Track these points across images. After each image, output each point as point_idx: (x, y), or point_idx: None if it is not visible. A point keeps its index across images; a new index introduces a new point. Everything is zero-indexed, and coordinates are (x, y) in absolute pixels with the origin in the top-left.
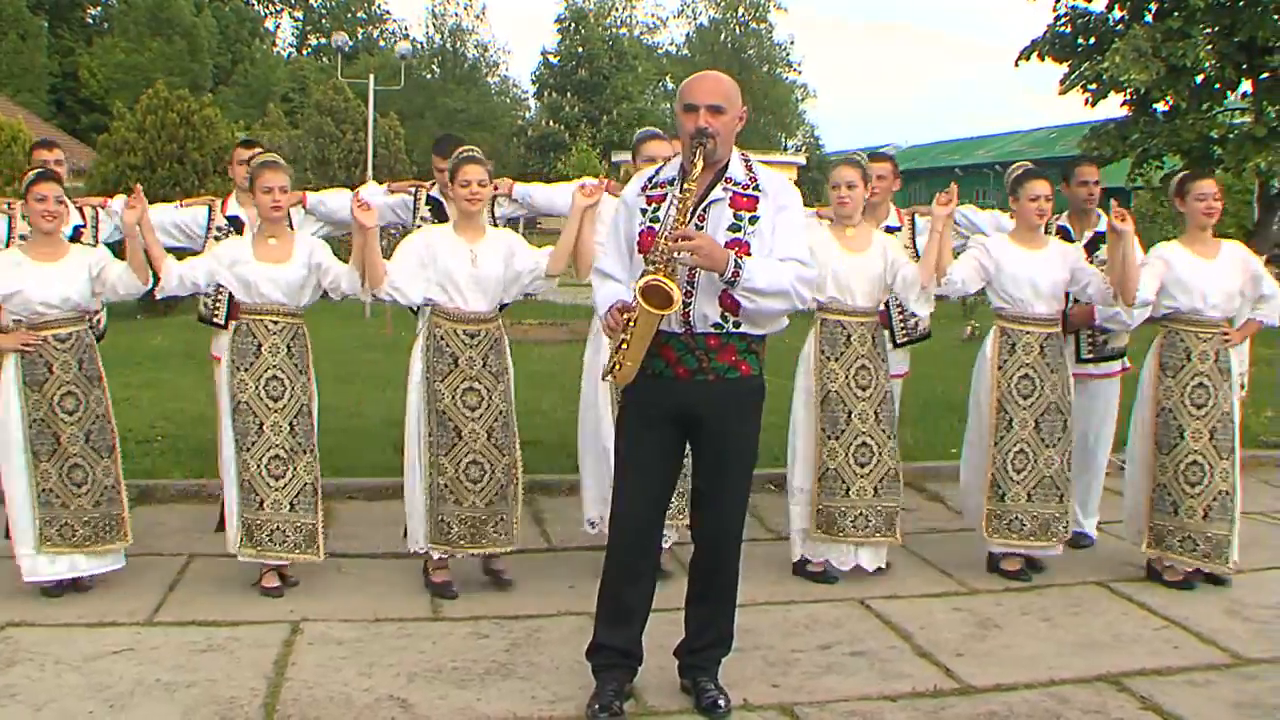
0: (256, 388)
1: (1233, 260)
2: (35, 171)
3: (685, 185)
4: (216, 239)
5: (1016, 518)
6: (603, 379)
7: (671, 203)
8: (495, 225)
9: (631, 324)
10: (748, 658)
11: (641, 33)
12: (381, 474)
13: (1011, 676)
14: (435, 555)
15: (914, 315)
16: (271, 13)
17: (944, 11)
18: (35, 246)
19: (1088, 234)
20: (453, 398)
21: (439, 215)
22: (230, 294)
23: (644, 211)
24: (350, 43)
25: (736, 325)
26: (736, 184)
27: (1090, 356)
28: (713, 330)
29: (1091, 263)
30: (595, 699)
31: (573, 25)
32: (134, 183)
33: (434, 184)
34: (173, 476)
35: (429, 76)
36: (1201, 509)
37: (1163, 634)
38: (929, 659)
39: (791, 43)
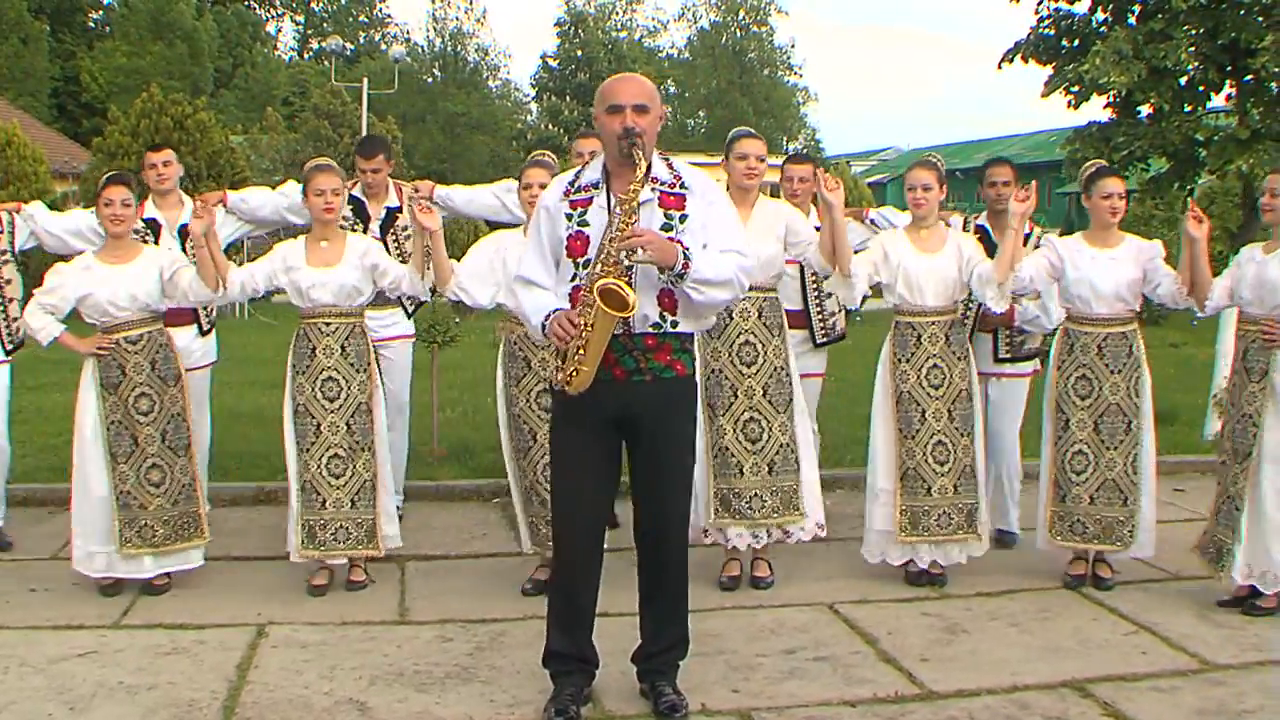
0: (313, 390)
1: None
2: (106, 175)
3: (629, 186)
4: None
5: (1079, 519)
6: (553, 389)
7: (609, 206)
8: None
9: (588, 328)
10: (710, 662)
11: (642, 36)
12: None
13: (975, 682)
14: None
15: (831, 315)
16: (273, 16)
17: (945, 15)
18: (106, 250)
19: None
20: (527, 401)
21: (360, 214)
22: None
23: (569, 216)
24: (345, 46)
25: (674, 325)
26: (663, 184)
27: (1008, 356)
28: (651, 330)
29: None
30: (552, 703)
31: (572, 29)
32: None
33: (355, 183)
34: None
35: (430, 81)
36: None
37: (1132, 639)
38: (893, 664)
39: (793, 46)
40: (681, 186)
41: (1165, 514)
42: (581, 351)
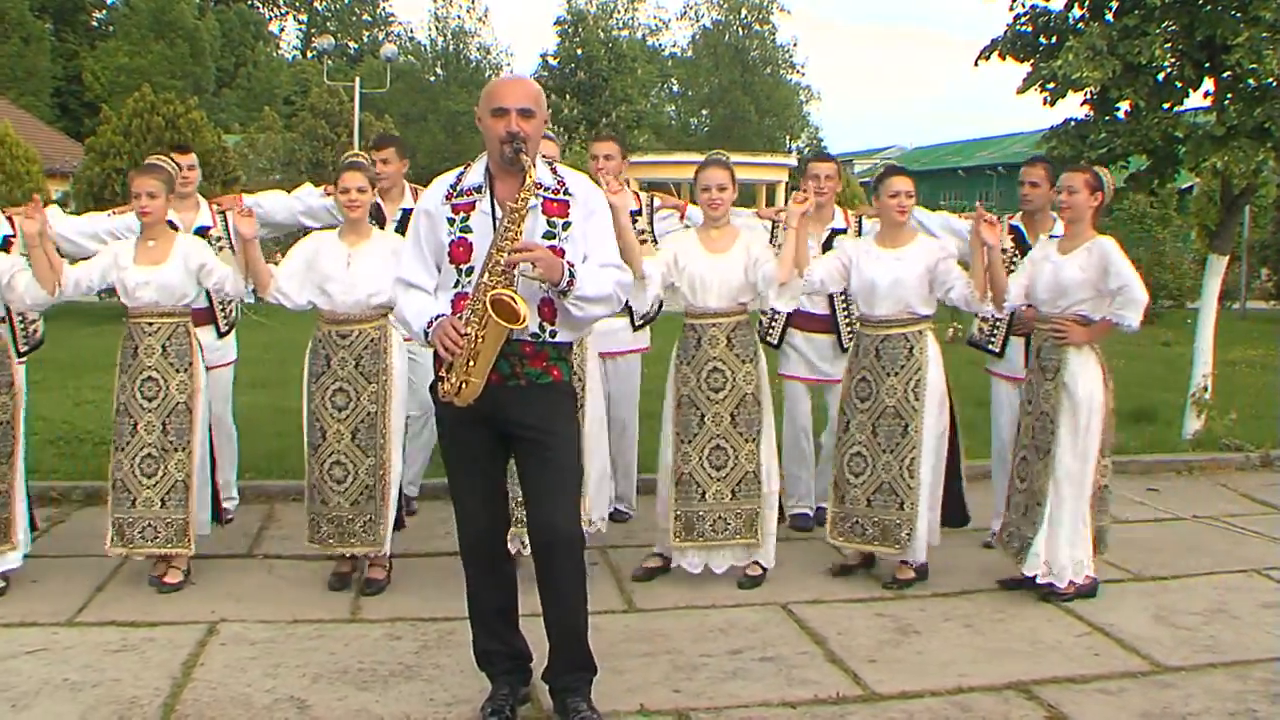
0: (133, 388)
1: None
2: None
3: (519, 194)
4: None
5: (857, 521)
6: (440, 397)
7: (493, 213)
8: None
9: (478, 339)
10: (654, 662)
11: (644, 34)
12: None
13: (919, 683)
14: (314, 550)
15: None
16: (275, 15)
17: (946, 14)
18: None
19: (1042, 237)
20: (322, 399)
21: (375, 215)
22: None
23: (451, 221)
24: (346, 44)
25: (553, 335)
26: (546, 189)
27: None
28: (529, 339)
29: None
30: (489, 702)
31: (572, 27)
32: (119, 187)
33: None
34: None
35: (432, 79)
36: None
37: (1084, 641)
38: (839, 665)
39: (795, 44)
40: (565, 193)
41: (1136, 513)
42: (471, 362)
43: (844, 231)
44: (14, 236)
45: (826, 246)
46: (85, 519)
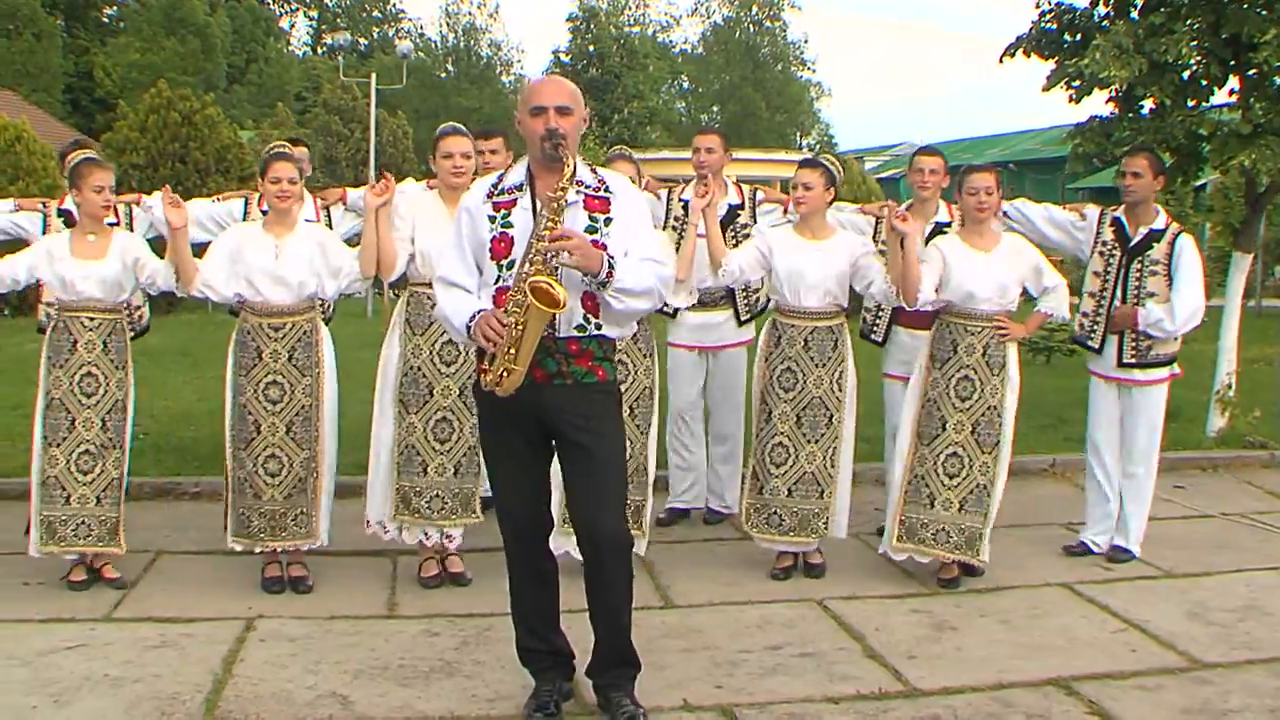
0: (70, 384)
1: (1011, 255)
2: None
3: (558, 185)
4: None
5: (775, 512)
6: (484, 389)
7: (534, 207)
8: None
9: (519, 327)
10: (694, 657)
11: (655, 31)
12: (351, 472)
13: (959, 679)
14: (238, 547)
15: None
16: (286, 12)
17: (958, 10)
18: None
19: (1141, 230)
20: (254, 391)
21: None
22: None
23: (492, 219)
24: (349, 40)
25: (598, 327)
26: (587, 186)
27: (1133, 361)
28: (575, 334)
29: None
30: (533, 698)
31: (584, 24)
32: (136, 183)
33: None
34: (148, 474)
35: (442, 76)
36: (957, 501)
37: (1120, 637)
38: (878, 661)
39: (805, 41)
40: (606, 190)
41: (1164, 510)
42: (513, 351)
43: (949, 225)
44: (116, 224)
45: (929, 241)
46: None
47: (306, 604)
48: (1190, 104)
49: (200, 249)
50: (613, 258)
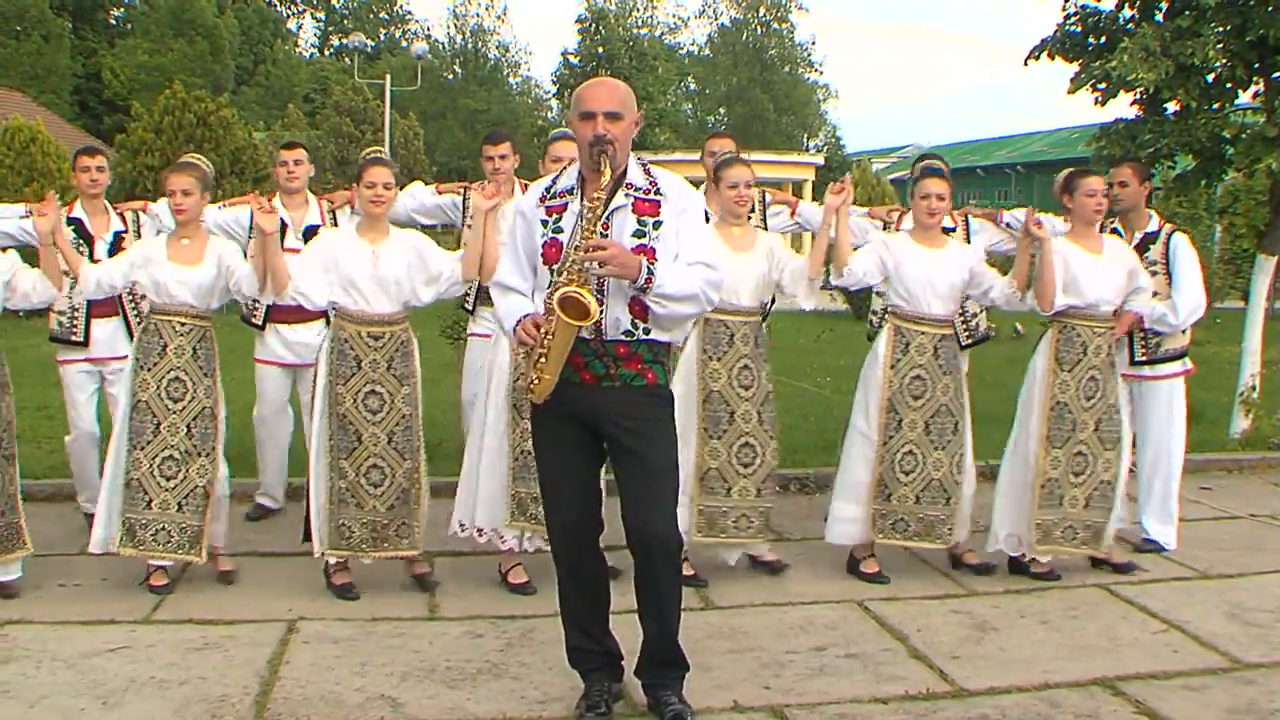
0: (158, 388)
1: (1116, 255)
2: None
3: (594, 194)
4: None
5: (902, 518)
6: (523, 395)
7: (578, 213)
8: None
9: (549, 336)
10: (741, 659)
11: (663, 33)
12: None
13: (1005, 679)
14: (332, 560)
15: (974, 316)
16: (294, 14)
17: (966, 12)
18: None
19: (1137, 235)
20: (354, 401)
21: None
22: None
23: (545, 223)
24: (371, 44)
25: (646, 332)
26: (637, 189)
27: (1144, 358)
28: (623, 338)
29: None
30: (583, 699)
31: (593, 26)
32: (150, 184)
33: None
34: None
35: (450, 78)
36: (1084, 498)
37: (1161, 637)
38: (923, 661)
39: (813, 43)
40: (657, 193)
41: (1192, 512)
42: (543, 359)
43: (953, 230)
44: (125, 232)
45: None
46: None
47: (347, 606)
48: (1214, 106)
49: None
50: (652, 264)
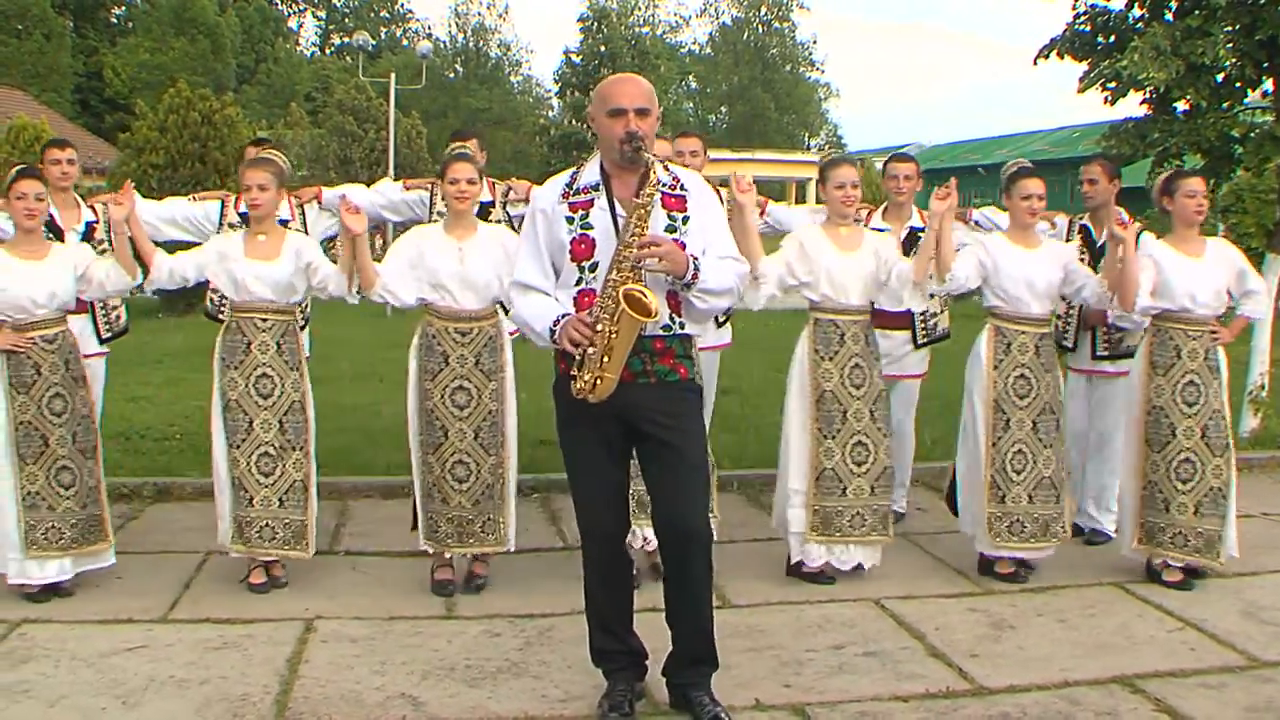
0: (246, 385)
1: (1219, 258)
2: (16, 169)
3: (645, 191)
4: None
5: (1018, 519)
6: (575, 396)
7: (615, 209)
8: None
9: (612, 334)
10: (760, 657)
11: (664, 32)
12: (397, 472)
13: (1024, 678)
14: (430, 549)
15: (933, 316)
16: (294, 12)
17: (967, 12)
18: (18, 245)
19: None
20: (441, 396)
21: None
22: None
23: (570, 220)
24: (373, 42)
25: (682, 326)
26: (663, 185)
27: (1105, 354)
28: (660, 333)
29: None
30: (606, 698)
31: (595, 24)
32: (155, 182)
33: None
34: (190, 475)
35: (451, 76)
36: (1192, 505)
37: (1178, 636)
38: (942, 659)
39: (814, 42)
40: (681, 188)
41: None
42: (606, 358)
43: (924, 230)
44: (96, 223)
45: (907, 245)
46: (158, 515)
47: (364, 605)
48: (1224, 106)
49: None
50: (697, 259)
